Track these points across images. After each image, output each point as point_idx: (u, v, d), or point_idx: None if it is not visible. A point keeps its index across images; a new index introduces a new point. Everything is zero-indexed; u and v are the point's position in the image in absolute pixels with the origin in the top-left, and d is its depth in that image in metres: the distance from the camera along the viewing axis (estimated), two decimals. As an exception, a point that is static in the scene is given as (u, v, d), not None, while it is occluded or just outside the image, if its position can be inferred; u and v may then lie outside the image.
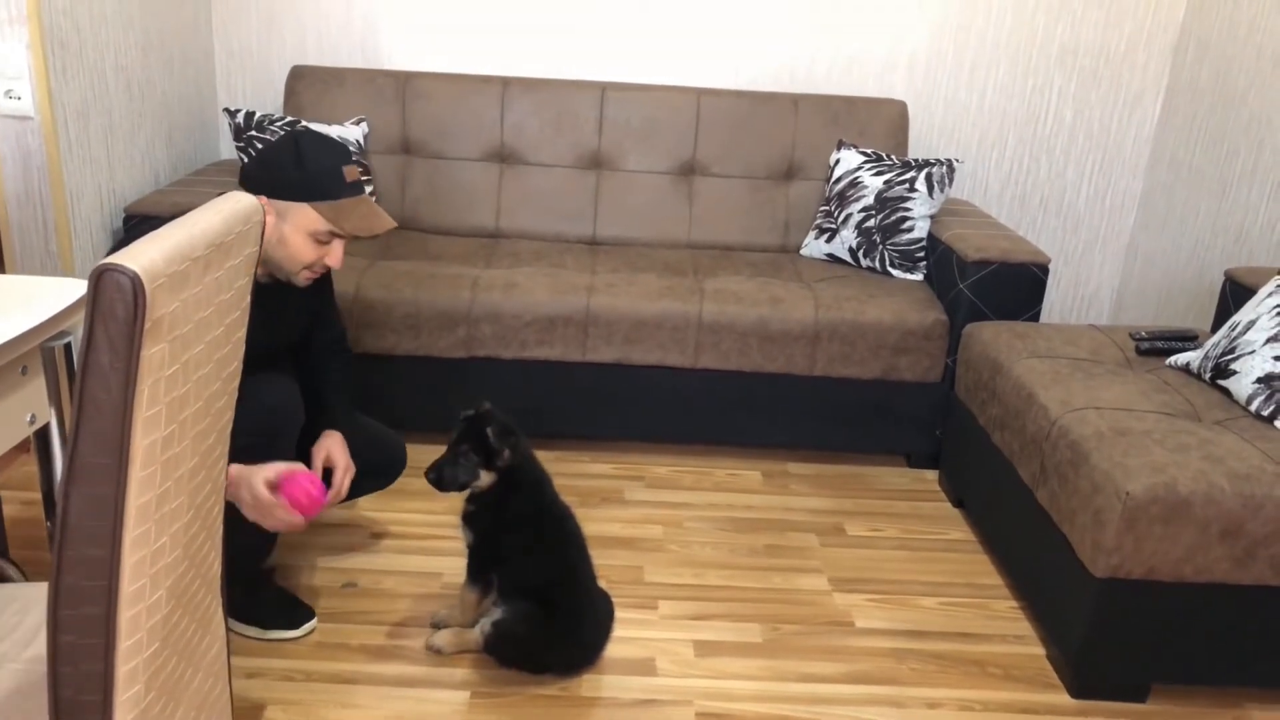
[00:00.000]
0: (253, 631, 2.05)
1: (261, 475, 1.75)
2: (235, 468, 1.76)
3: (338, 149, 1.89)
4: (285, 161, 1.85)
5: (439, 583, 2.27)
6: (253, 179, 1.87)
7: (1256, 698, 2.07)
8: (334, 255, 1.93)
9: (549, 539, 2.00)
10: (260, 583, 2.10)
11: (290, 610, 2.08)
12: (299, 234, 1.87)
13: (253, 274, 1.16)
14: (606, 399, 2.82)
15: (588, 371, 2.79)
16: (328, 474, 2.04)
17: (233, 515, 1.92)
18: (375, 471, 2.20)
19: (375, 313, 2.68)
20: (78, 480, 0.92)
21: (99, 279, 0.87)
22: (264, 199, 1.84)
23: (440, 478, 1.94)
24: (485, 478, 1.94)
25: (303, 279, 1.94)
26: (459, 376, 2.78)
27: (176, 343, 0.96)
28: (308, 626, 2.08)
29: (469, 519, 1.99)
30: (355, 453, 2.07)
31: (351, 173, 1.90)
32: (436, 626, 2.10)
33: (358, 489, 2.14)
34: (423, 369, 2.76)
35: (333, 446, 2.05)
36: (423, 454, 2.82)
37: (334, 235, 1.89)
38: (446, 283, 2.73)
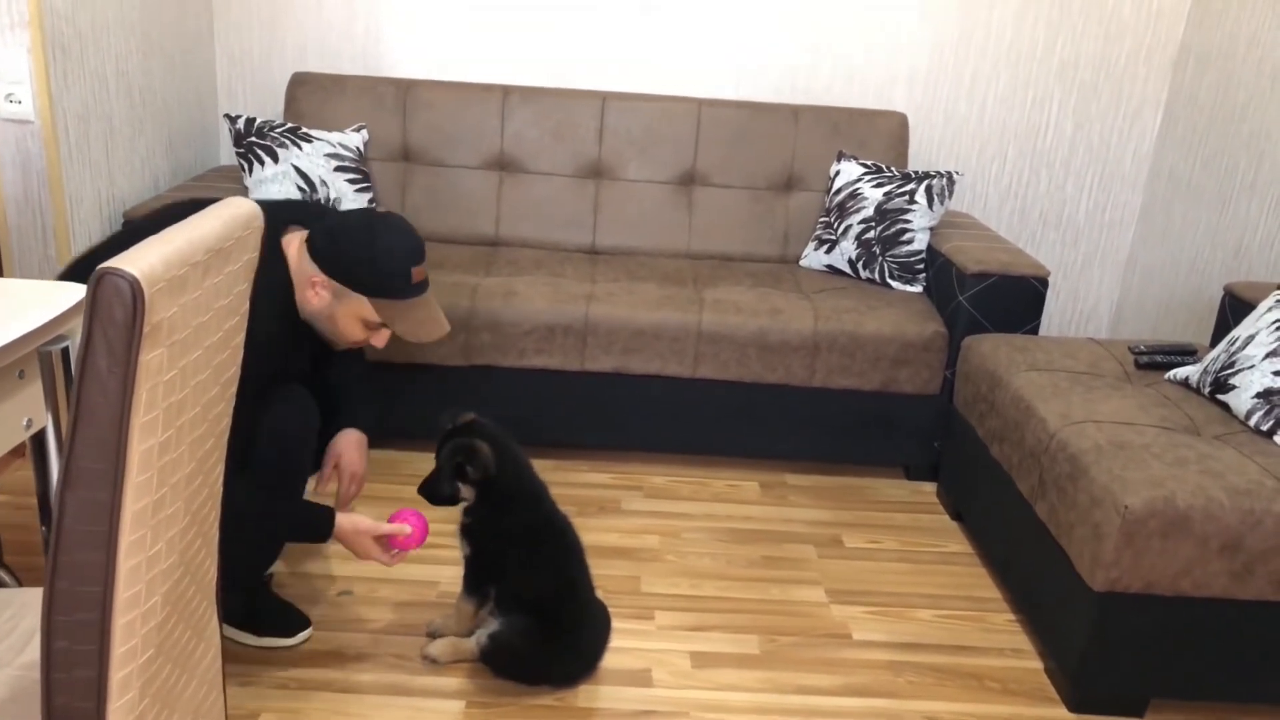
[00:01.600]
0: (248, 638, 2.03)
1: (372, 534, 1.88)
2: (349, 524, 1.87)
3: (412, 246, 1.85)
4: (357, 249, 1.81)
5: (435, 591, 2.26)
6: (320, 253, 1.84)
7: (1255, 713, 2.07)
8: (380, 338, 1.92)
9: (547, 551, 1.99)
10: (258, 590, 2.09)
11: (286, 618, 2.06)
12: (350, 318, 1.86)
13: (252, 279, 1.16)
14: (605, 408, 2.81)
15: (586, 381, 2.79)
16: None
17: (237, 523, 1.92)
18: None
19: (374, 320, 2.68)
20: (73, 485, 0.91)
21: (98, 282, 0.87)
22: (323, 276, 1.83)
23: (429, 494, 1.96)
24: (466, 492, 1.94)
25: (342, 347, 1.96)
26: (458, 384, 2.77)
27: (175, 348, 0.96)
28: (303, 635, 2.06)
29: (465, 531, 1.99)
30: None
31: (419, 273, 1.86)
32: (432, 635, 2.09)
33: None
34: (421, 377, 2.76)
35: (347, 449, 2.04)
36: (422, 462, 2.82)
37: (386, 325, 1.89)
38: (446, 290, 2.73)
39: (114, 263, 0.87)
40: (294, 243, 1.88)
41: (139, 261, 0.88)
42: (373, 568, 2.33)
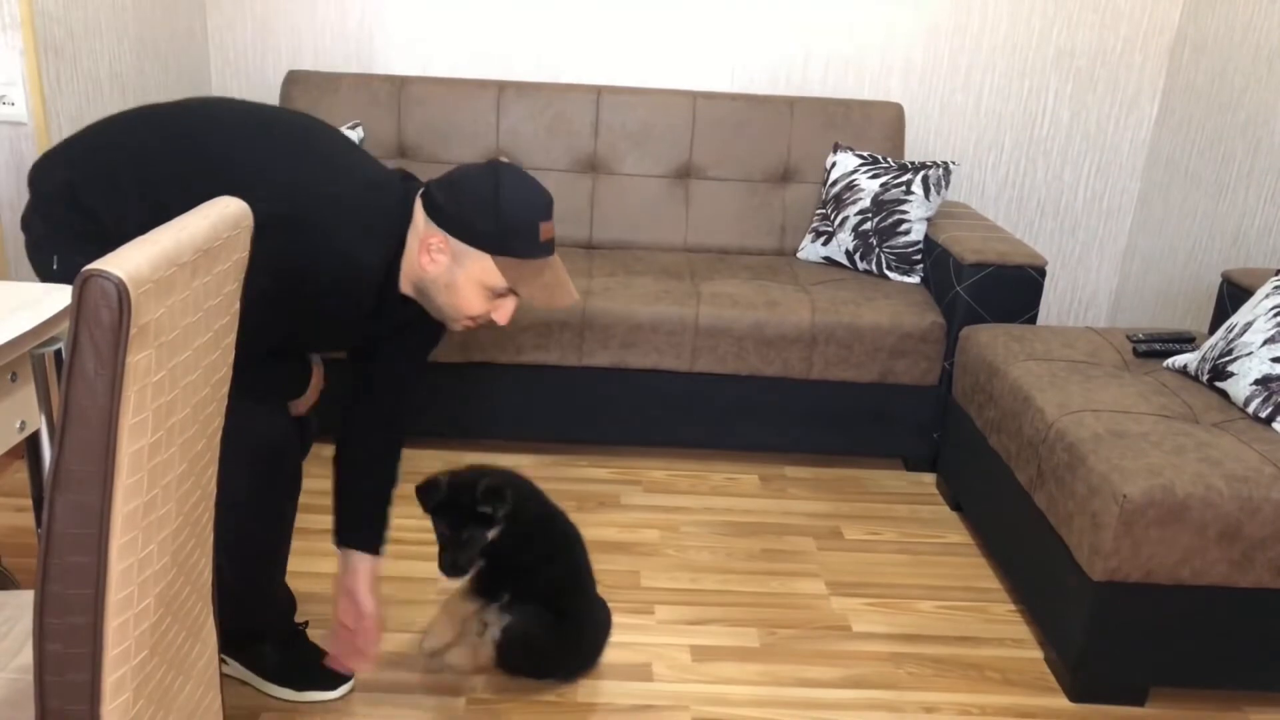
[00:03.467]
0: (286, 694, 1.91)
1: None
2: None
3: (538, 199, 1.64)
4: (480, 202, 1.60)
5: (435, 589, 2.26)
6: (438, 209, 1.63)
7: (1255, 700, 2.07)
8: (503, 312, 1.69)
9: (558, 540, 1.99)
10: (292, 639, 1.96)
11: (326, 669, 1.94)
12: (472, 284, 1.64)
13: (241, 279, 1.16)
14: (603, 403, 2.81)
15: (584, 376, 2.78)
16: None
17: (276, 577, 1.88)
18: None
19: (370, 318, 2.67)
20: (63, 487, 0.91)
21: (84, 285, 0.86)
22: (442, 235, 1.62)
23: (456, 565, 1.85)
24: (493, 534, 1.87)
25: (460, 328, 1.73)
26: (455, 381, 2.77)
27: (163, 349, 0.96)
28: (345, 688, 1.93)
29: (486, 553, 1.90)
30: None
31: (547, 230, 1.64)
32: (432, 653, 1.99)
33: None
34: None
35: (358, 586, 1.86)
36: (421, 460, 2.81)
37: (511, 292, 1.67)
38: (442, 287, 2.72)
39: (100, 264, 0.87)
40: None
41: (125, 263, 0.88)
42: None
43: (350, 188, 1.65)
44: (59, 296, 1.54)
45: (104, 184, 1.63)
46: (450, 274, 1.64)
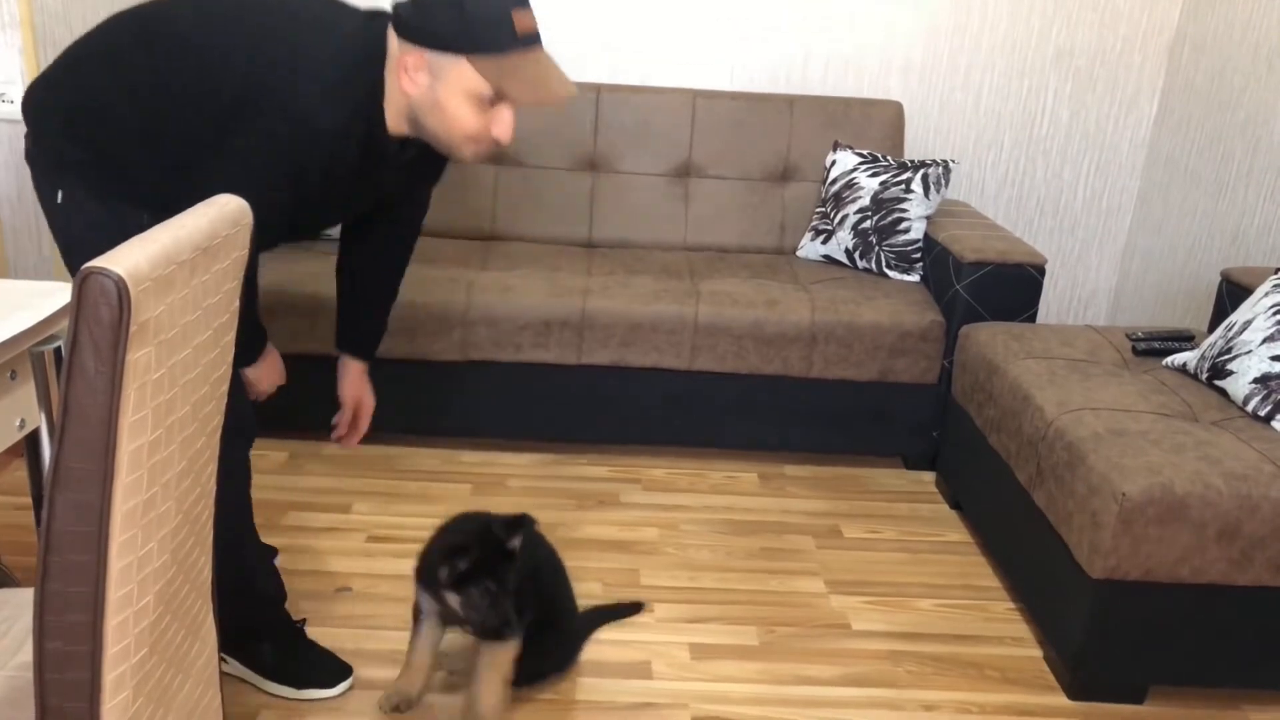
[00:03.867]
0: (286, 691, 1.90)
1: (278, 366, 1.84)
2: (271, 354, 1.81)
3: None
4: (444, 3, 1.52)
5: (434, 587, 2.26)
6: (403, 24, 1.55)
7: (1254, 699, 2.07)
8: (501, 125, 1.58)
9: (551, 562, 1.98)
10: (291, 638, 1.96)
11: (326, 667, 1.94)
12: (456, 96, 1.54)
13: (240, 277, 1.16)
14: (602, 402, 2.81)
15: (584, 374, 2.78)
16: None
17: (253, 569, 1.88)
18: None
19: (370, 316, 2.67)
20: (62, 486, 0.91)
21: (83, 282, 0.86)
22: (416, 52, 1.54)
23: (500, 624, 1.72)
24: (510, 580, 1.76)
25: (468, 154, 1.63)
26: (454, 380, 2.77)
27: (163, 347, 0.96)
28: (344, 685, 1.92)
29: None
30: None
31: (524, 21, 1.53)
32: (397, 709, 1.87)
33: None
34: (418, 373, 2.75)
35: (361, 389, 1.98)
36: (421, 459, 2.82)
37: (501, 95, 1.56)
38: (442, 285, 2.72)
39: (99, 262, 0.87)
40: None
41: (124, 261, 0.88)
42: (373, 565, 2.33)
43: (309, 51, 1.58)
44: (58, 294, 1.54)
45: (94, 103, 1.63)
46: (433, 91, 1.55)
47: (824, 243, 3.09)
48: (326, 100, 1.56)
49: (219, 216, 1.07)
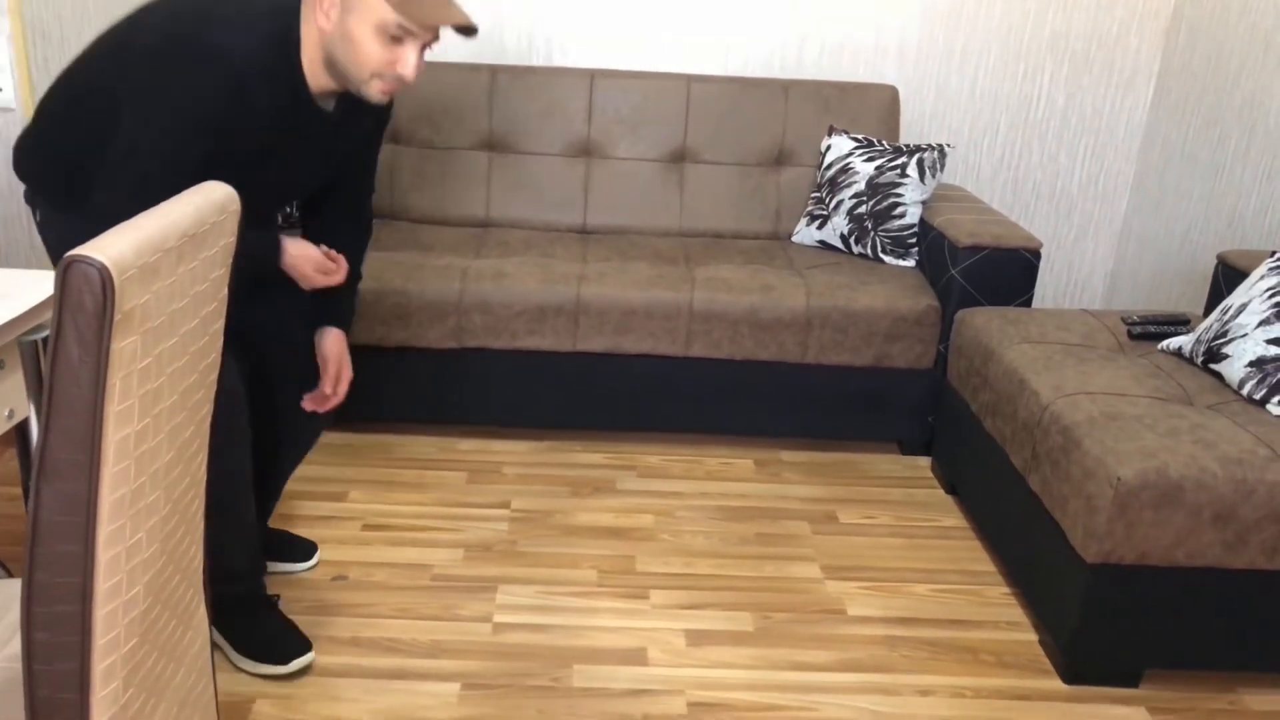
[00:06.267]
0: (247, 664, 1.94)
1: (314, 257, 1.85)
2: (295, 248, 1.82)
3: None
4: None
5: (429, 574, 2.26)
6: None
7: (1249, 681, 2.07)
8: (406, 62, 1.67)
9: None
10: (272, 610, 2.00)
11: (286, 642, 1.94)
12: (364, 27, 1.63)
13: (229, 265, 1.15)
14: (597, 389, 2.81)
15: (578, 361, 2.78)
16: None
17: (229, 539, 1.89)
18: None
19: (364, 303, 2.66)
20: (49, 476, 0.90)
21: (66, 271, 0.86)
22: None
23: None
24: None
25: (375, 92, 1.71)
26: (449, 367, 2.76)
27: (149, 335, 0.95)
28: (300, 662, 1.92)
29: None
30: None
31: None
32: None
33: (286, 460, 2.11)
34: (412, 360, 2.75)
35: (341, 353, 2.00)
36: (416, 446, 2.81)
37: (405, 31, 1.64)
38: (436, 273, 2.71)
39: (83, 250, 0.86)
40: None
41: (108, 249, 0.87)
42: (368, 553, 2.33)
43: (223, 5, 1.69)
44: (47, 284, 1.53)
45: (45, 124, 1.78)
46: (344, 24, 1.65)
47: (819, 228, 3.08)
48: (237, 33, 1.65)
49: (206, 203, 1.06)
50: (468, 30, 1.68)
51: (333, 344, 2.02)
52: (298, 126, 1.78)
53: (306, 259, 1.83)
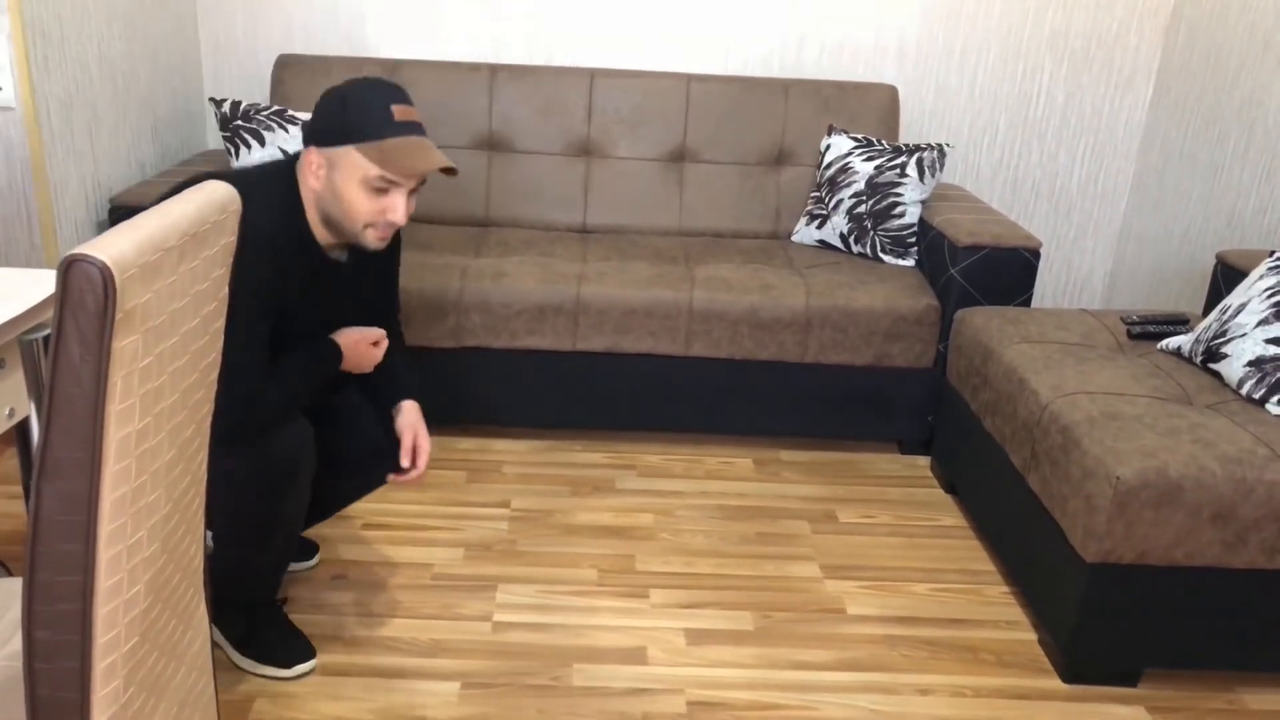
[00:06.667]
0: (248, 665, 1.95)
1: (365, 340, 1.93)
2: (346, 339, 1.90)
3: (387, 88, 1.74)
4: (331, 104, 1.73)
5: (430, 574, 2.26)
6: (306, 133, 1.77)
7: (1248, 681, 2.07)
8: (395, 209, 1.75)
9: None
10: (276, 612, 2.01)
11: (288, 647, 1.96)
12: (351, 184, 1.72)
13: (229, 265, 1.15)
14: (597, 388, 2.81)
15: (578, 360, 2.78)
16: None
17: (244, 545, 1.88)
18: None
19: (363, 303, 2.66)
20: (50, 475, 0.90)
21: (67, 270, 0.86)
22: (316, 151, 1.75)
23: None
24: None
25: (372, 240, 1.79)
26: (449, 367, 2.76)
27: (150, 334, 0.95)
28: (303, 668, 1.94)
29: None
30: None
31: (403, 111, 1.73)
32: None
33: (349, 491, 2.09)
34: (412, 360, 2.74)
35: (418, 423, 2.01)
36: (413, 445, 2.81)
37: (389, 183, 1.73)
38: (435, 272, 2.71)
39: (83, 249, 0.86)
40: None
41: (109, 248, 0.87)
42: (368, 551, 2.33)
43: (244, 185, 1.75)
44: (48, 283, 1.53)
45: None
46: (332, 182, 1.74)
47: (819, 227, 3.09)
48: (259, 207, 1.71)
49: (206, 202, 1.06)
50: (449, 172, 1.78)
51: (406, 416, 2.02)
52: (319, 284, 1.85)
53: (357, 340, 1.91)
